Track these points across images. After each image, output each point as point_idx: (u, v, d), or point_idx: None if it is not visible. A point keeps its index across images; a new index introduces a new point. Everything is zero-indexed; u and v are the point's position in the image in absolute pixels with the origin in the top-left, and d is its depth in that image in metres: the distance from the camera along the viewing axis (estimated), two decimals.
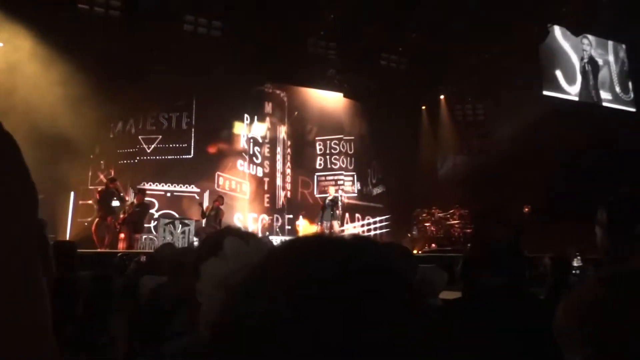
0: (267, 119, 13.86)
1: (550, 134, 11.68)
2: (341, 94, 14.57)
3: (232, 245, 0.66)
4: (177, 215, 11.19)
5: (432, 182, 14.63)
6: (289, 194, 13.88)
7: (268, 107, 13.90)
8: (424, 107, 15.40)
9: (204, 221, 10.26)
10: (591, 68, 14.19)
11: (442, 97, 15.12)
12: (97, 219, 9.75)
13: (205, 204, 11.14)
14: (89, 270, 2.91)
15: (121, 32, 10.71)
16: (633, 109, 14.13)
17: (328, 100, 14.58)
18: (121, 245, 9.32)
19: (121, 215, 9.66)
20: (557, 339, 0.81)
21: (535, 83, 12.95)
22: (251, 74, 12.79)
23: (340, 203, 11.50)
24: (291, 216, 13.43)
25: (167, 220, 10.20)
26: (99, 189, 10.19)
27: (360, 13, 11.80)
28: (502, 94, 13.18)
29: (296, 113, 14.19)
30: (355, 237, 0.47)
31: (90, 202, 10.79)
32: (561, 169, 11.42)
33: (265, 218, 13.06)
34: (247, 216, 12.86)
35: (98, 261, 5.48)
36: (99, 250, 8.96)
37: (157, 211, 11.56)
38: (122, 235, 9.52)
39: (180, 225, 10.04)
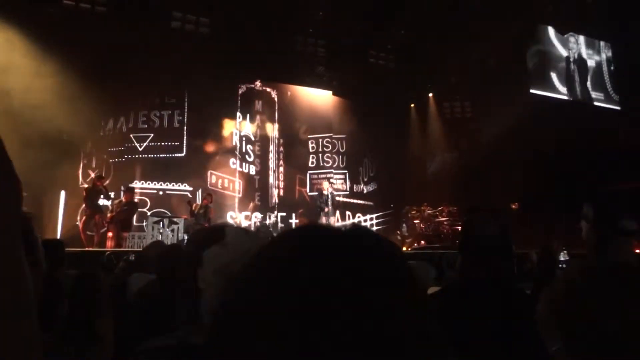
0: (259, 117, 13.85)
1: (538, 132, 11.80)
2: (330, 92, 14.61)
3: (233, 234, 0.67)
4: (169, 214, 11.14)
5: (421, 180, 14.71)
6: (281, 192, 13.88)
7: (259, 105, 13.88)
8: (412, 105, 15.47)
9: (193, 219, 10.22)
10: (580, 67, 14.33)
11: (430, 95, 15.19)
12: (84, 218, 9.68)
13: (198, 201, 11.11)
14: (77, 269, 2.89)
15: (108, 28, 10.59)
16: (618, 107, 14.32)
17: (318, 99, 14.60)
18: (109, 244, 9.26)
19: (108, 214, 9.59)
20: (539, 327, 0.83)
21: (524, 81, 13.06)
22: (240, 71, 12.78)
23: (331, 199, 11.52)
24: (284, 214, 13.43)
25: (155, 219, 10.15)
26: (86, 187, 10.13)
27: (349, 10, 11.80)
28: (490, 92, 13.27)
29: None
30: (355, 226, 0.48)
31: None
32: (549, 166, 11.55)
33: (258, 216, 13.05)
34: (239, 214, 12.85)
35: (86, 260, 5.43)
36: (87, 248, 8.88)
37: (149, 210, 11.51)
38: (110, 234, 9.45)
39: (169, 223, 9.99)
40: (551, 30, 13.71)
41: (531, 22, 12.67)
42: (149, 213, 11.15)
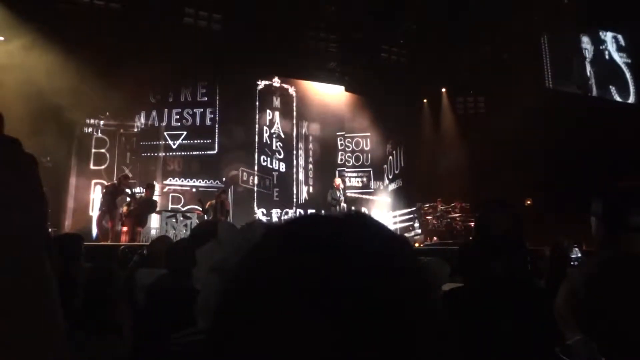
0: (281, 113, 14.00)
1: (552, 128, 11.65)
2: (343, 88, 14.60)
3: (226, 230, 0.66)
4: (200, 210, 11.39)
5: (434, 176, 14.61)
6: (311, 189, 13.97)
7: (278, 102, 14.04)
8: (425, 101, 15.36)
9: (211, 214, 10.28)
10: (596, 62, 14.08)
11: (443, 90, 15.07)
12: (99, 213, 9.81)
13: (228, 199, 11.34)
14: (93, 263, 2.94)
15: (121, 25, 10.71)
16: (633, 102, 14.06)
17: (331, 94, 14.63)
18: (123, 238, 9.37)
19: (124, 208, 9.70)
20: (557, 320, 0.83)
21: (538, 76, 12.89)
22: (256, 67, 12.92)
23: (343, 195, 11.57)
24: (313, 211, 13.52)
25: (169, 214, 10.24)
26: (109, 184, 10.33)
27: (360, 5, 11.73)
28: (503, 87, 13.11)
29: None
30: (357, 214, 0.44)
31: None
32: (563, 162, 11.39)
33: (289, 213, 13.18)
34: (271, 211, 13.08)
35: (101, 254, 5.52)
36: (101, 243, 9.00)
37: (182, 206, 11.86)
38: (124, 229, 9.56)
39: (182, 219, 10.07)
40: (566, 24, 13.49)
41: (546, 15, 12.48)
42: (182, 209, 11.37)
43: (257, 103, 13.54)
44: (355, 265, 0.38)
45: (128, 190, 9.79)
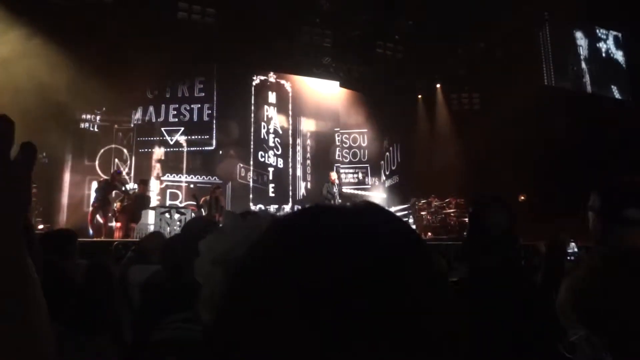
0: (277, 109, 13.96)
1: (547, 124, 11.68)
2: (337, 84, 14.58)
3: (231, 219, 0.64)
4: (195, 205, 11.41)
5: (428, 172, 14.63)
6: (309, 185, 13.96)
7: (274, 97, 14.01)
8: (420, 96, 15.37)
9: (206, 210, 10.25)
10: (592, 59, 14.10)
11: (438, 86, 15.08)
12: (92, 209, 9.77)
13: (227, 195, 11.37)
14: (86, 259, 2.92)
15: (113, 20, 10.62)
16: (630, 99, 14.11)
17: (326, 90, 14.62)
18: (117, 234, 9.35)
19: (117, 204, 9.66)
20: (559, 316, 0.83)
21: (533, 73, 12.90)
22: (251, 62, 12.89)
23: (338, 191, 11.60)
24: None
25: (163, 209, 10.20)
26: (102, 180, 10.29)
27: (356, 1, 11.70)
28: (498, 83, 13.13)
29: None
30: (369, 205, 0.43)
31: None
32: (558, 158, 11.44)
33: (285, 209, 13.18)
34: (267, 207, 13.10)
35: (93, 250, 5.49)
36: (94, 239, 8.97)
37: (180, 202, 11.88)
38: (118, 225, 9.53)
39: (177, 215, 10.04)
40: (562, 21, 13.50)
41: (539, 11, 12.49)
42: (181, 205, 11.42)
43: (252, 99, 13.53)
44: (373, 266, 0.36)
45: (121, 187, 9.76)
